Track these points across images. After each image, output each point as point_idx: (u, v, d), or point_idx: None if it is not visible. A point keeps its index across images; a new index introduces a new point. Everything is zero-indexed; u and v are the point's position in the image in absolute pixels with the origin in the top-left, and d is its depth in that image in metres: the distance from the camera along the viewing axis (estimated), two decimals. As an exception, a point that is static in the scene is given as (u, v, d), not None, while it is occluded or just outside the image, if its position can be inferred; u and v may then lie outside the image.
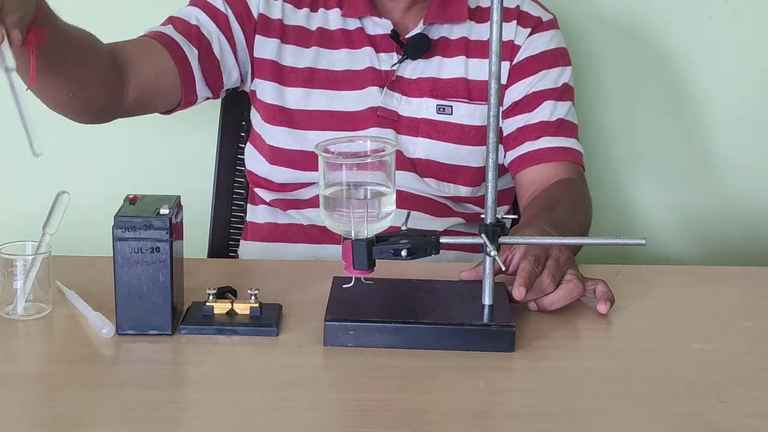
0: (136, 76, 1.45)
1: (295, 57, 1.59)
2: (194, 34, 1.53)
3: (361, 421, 1.03)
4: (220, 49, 1.55)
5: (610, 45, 1.98)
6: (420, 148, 1.58)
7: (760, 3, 1.96)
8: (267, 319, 1.20)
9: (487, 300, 1.20)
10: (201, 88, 1.54)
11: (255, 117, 1.64)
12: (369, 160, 1.14)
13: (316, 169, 1.16)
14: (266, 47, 1.59)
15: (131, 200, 1.19)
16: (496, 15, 1.14)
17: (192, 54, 1.51)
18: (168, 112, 1.56)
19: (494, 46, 1.15)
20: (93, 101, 1.42)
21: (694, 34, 1.97)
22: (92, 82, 1.39)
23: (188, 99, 1.54)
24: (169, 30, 1.52)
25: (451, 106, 1.58)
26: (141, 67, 1.46)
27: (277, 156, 1.59)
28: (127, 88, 1.45)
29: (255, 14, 1.58)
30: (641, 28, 1.97)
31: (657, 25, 1.97)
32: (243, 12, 1.58)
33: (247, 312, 1.20)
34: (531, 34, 1.61)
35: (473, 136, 1.58)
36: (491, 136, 1.18)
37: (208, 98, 1.59)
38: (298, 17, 1.60)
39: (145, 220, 1.14)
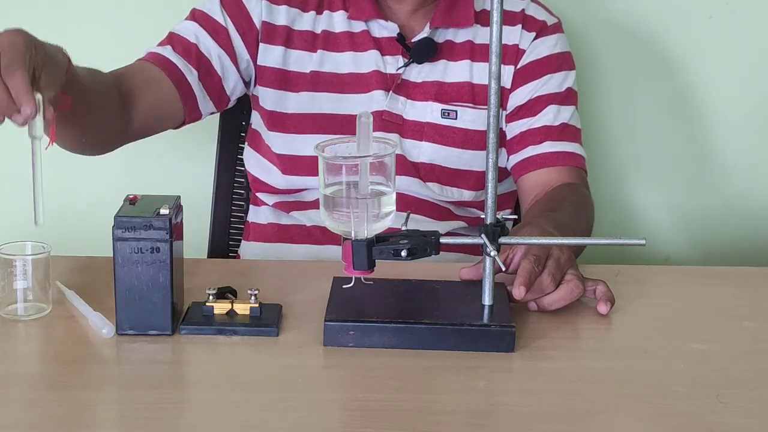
0: (140, 105, 1.46)
1: (301, 62, 1.58)
2: (193, 54, 1.53)
3: (361, 421, 1.03)
4: (221, 65, 1.55)
5: (609, 45, 1.98)
6: (424, 152, 1.58)
7: (759, 3, 1.96)
8: (267, 320, 1.19)
9: (487, 300, 1.20)
10: (204, 105, 1.55)
11: (256, 119, 1.64)
12: (369, 161, 1.13)
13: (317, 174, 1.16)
14: (270, 55, 1.58)
15: (131, 200, 1.19)
16: (495, 15, 1.14)
17: (192, 75, 1.52)
18: (176, 127, 1.57)
19: (494, 46, 1.15)
20: (103, 139, 1.45)
21: (693, 34, 1.97)
22: (103, 123, 1.41)
23: (192, 116, 1.55)
24: (168, 52, 1.52)
25: (456, 111, 1.57)
26: (143, 96, 1.47)
27: (275, 161, 1.59)
28: (133, 118, 1.46)
29: (257, 23, 1.57)
30: (641, 28, 1.97)
31: (656, 25, 1.97)
32: (244, 23, 1.56)
33: (247, 312, 1.20)
34: (536, 38, 1.61)
35: (477, 140, 1.57)
36: (491, 136, 1.18)
37: (213, 112, 1.60)
38: (305, 21, 1.59)
39: (145, 220, 1.14)
